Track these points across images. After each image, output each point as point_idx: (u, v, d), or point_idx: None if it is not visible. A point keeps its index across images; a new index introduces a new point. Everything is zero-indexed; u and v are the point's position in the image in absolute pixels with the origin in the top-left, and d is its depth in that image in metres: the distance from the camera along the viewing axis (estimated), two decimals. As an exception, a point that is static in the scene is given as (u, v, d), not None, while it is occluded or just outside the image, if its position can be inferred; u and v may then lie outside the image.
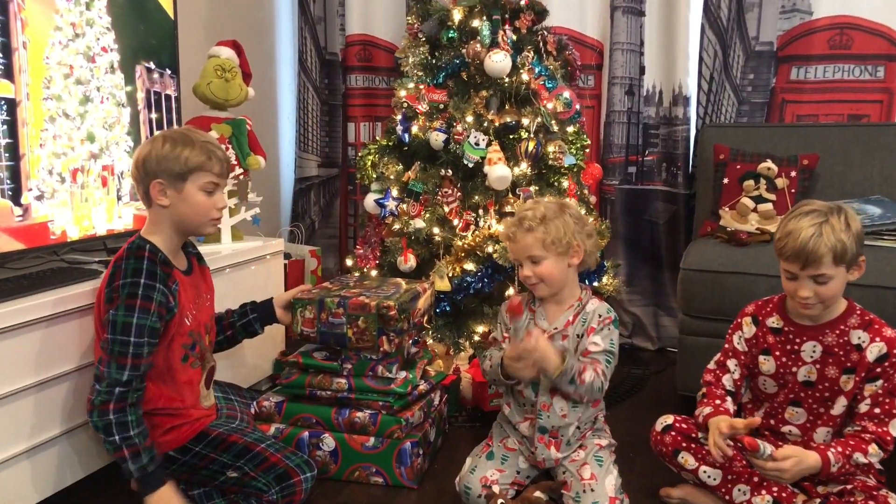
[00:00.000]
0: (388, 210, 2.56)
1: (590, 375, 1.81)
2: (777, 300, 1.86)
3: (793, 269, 1.68)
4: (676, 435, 1.88)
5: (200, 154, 1.73)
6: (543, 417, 1.90)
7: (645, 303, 3.28)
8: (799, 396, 1.80)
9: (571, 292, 1.93)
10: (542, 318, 1.93)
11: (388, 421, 2.00)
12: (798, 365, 1.78)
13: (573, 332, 1.90)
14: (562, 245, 1.84)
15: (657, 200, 3.25)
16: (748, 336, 1.86)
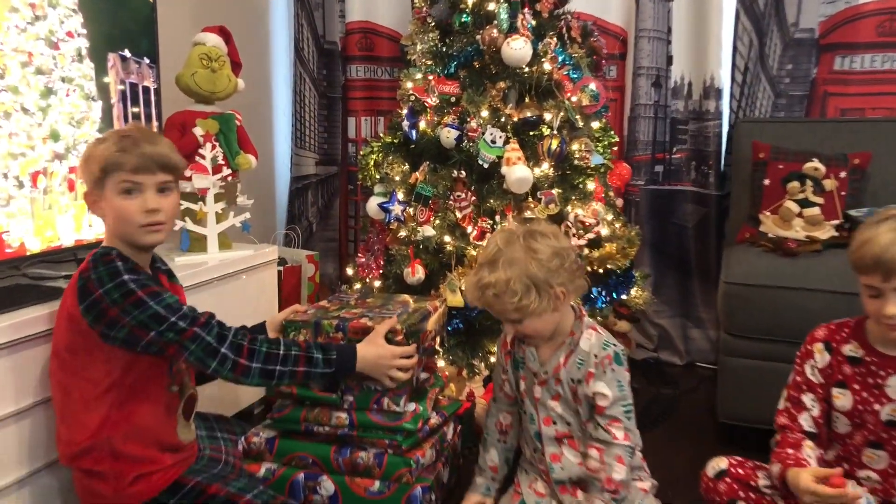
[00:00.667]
0: (394, 215, 2.29)
1: (619, 474, 1.56)
2: (854, 324, 1.60)
3: (874, 283, 1.44)
4: (732, 482, 1.62)
5: (111, 147, 1.47)
6: (556, 470, 1.65)
7: (672, 314, 3.02)
8: (881, 438, 1.55)
9: (562, 325, 1.65)
10: (532, 359, 1.68)
11: (395, 462, 1.74)
12: (882, 402, 1.53)
13: (566, 376, 1.64)
14: (539, 304, 1.55)
15: (686, 202, 2.99)
16: (821, 366, 1.60)
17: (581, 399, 1.63)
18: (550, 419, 1.66)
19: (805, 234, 2.35)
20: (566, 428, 1.66)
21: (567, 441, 1.67)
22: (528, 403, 1.69)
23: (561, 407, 1.65)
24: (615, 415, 1.59)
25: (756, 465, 1.66)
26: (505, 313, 1.58)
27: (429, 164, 2.27)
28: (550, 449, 1.66)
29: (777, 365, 2.11)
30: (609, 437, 1.58)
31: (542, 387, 1.66)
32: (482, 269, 1.57)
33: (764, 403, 2.13)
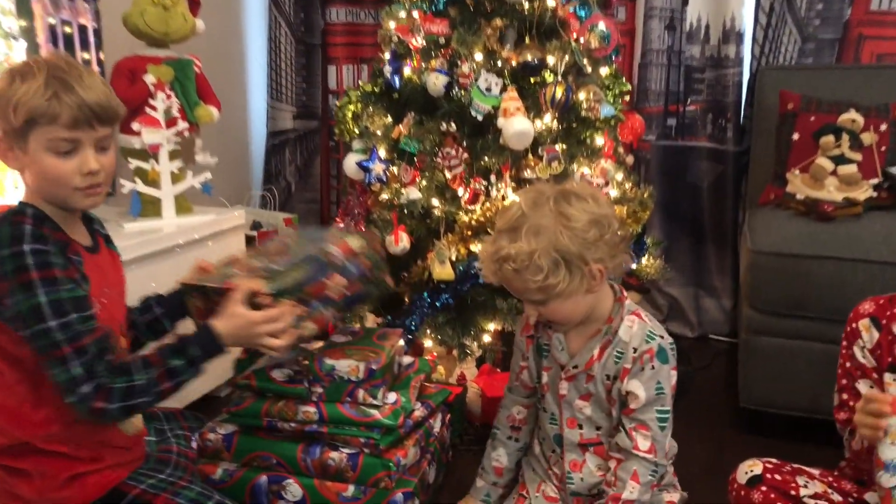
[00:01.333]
0: (374, 175, 2.01)
1: (631, 494, 1.31)
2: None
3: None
4: (769, 491, 1.37)
5: (39, 91, 1.16)
6: (575, 481, 1.40)
7: (684, 282, 2.76)
8: None
9: (599, 309, 1.36)
10: (560, 348, 1.40)
11: (371, 464, 1.49)
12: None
13: (600, 372, 1.36)
14: (569, 284, 1.26)
15: (700, 159, 2.72)
16: (871, 346, 1.34)
17: (615, 399, 1.36)
18: (576, 421, 1.40)
19: (842, 195, 2.07)
20: (594, 433, 1.39)
21: (593, 448, 1.41)
22: (550, 401, 1.42)
23: (591, 408, 1.38)
24: (644, 420, 1.32)
25: (795, 469, 1.42)
26: (526, 292, 1.28)
27: (414, 116, 1.98)
28: (571, 456, 1.40)
29: (810, 345, 1.86)
30: (629, 443, 1.32)
31: (570, 383, 1.38)
32: (501, 238, 1.27)
33: (794, 387, 1.91)
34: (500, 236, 1.28)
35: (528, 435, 1.51)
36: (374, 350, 1.56)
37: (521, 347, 1.47)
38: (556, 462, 1.43)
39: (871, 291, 1.41)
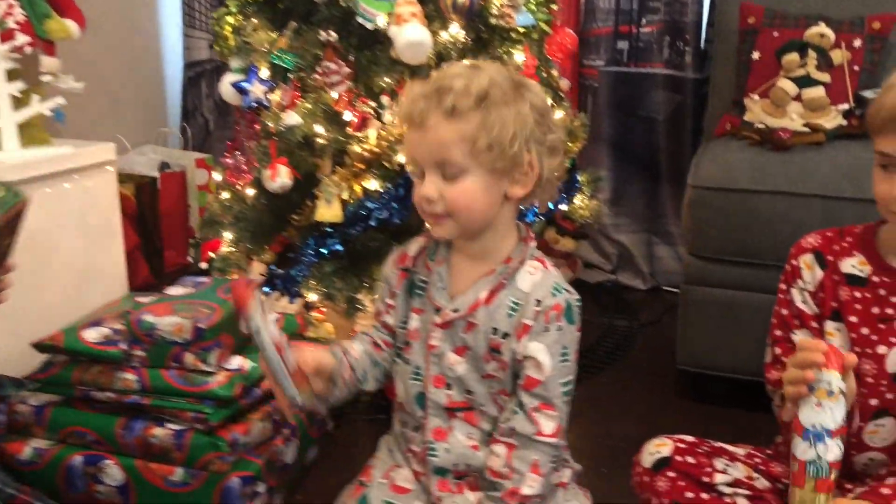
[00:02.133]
0: (252, 98, 1.70)
1: (531, 489, 1.02)
2: (862, 232, 1.07)
3: (888, 147, 0.95)
4: (678, 478, 1.10)
5: None
6: (439, 452, 1.09)
7: (636, 228, 2.47)
8: (886, 400, 1.03)
9: (500, 241, 1.06)
10: (440, 286, 1.09)
11: (200, 443, 1.22)
12: (889, 343, 1.02)
13: (486, 321, 1.04)
14: (503, 156, 0.98)
15: (656, 88, 2.40)
16: (813, 287, 1.07)
17: (507, 361, 1.06)
18: (444, 380, 1.08)
19: (805, 122, 1.77)
20: (464, 397, 1.08)
21: (462, 415, 1.10)
22: (417, 351, 1.10)
23: (464, 367, 1.07)
24: (550, 398, 1.03)
25: (715, 450, 1.15)
26: (442, 148, 0.98)
27: (294, 25, 1.66)
28: (435, 422, 1.09)
29: (758, 297, 1.58)
30: (532, 428, 1.02)
31: (444, 331, 1.06)
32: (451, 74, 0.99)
33: (739, 346, 1.63)
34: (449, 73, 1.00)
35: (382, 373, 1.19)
36: (210, 305, 1.27)
37: (390, 282, 1.14)
38: (412, 438, 1.14)
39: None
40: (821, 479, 0.87)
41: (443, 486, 1.09)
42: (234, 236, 1.81)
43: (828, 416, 0.87)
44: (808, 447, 0.88)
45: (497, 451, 1.05)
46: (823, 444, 0.87)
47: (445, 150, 0.98)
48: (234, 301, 0.96)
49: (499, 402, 1.07)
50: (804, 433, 0.88)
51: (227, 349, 1.27)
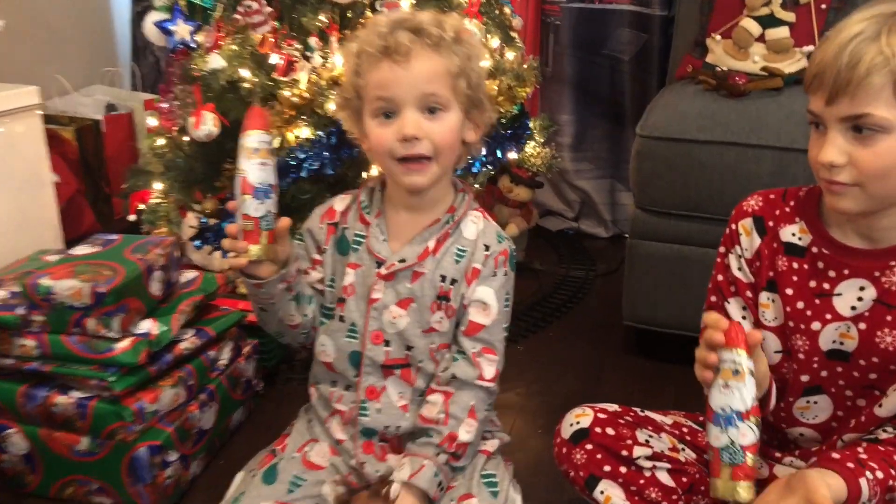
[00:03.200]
0: (177, 39, 1.59)
1: (468, 433, 1.01)
2: (805, 196, 1.00)
3: (816, 107, 0.88)
4: (595, 450, 1.05)
5: None
6: (371, 412, 1.05)
7: (598, 174, 2.39)
8: (819, 377, 0.98)
9: (441, 192, 1.04)
10: (380, 237, 1.03)
11: (104, 412, 1.17)
12: (824, 319, 0.95)
13: (433, 270, 1.01)
14: (475, 95, 0.99)
15: (622, 26, 2.27)
16: (750, 255, 1.00)
17: (455, 307, 1.02)
18: (382, 336, 1.04)
19: (764, 65, 1.67)
20: (403, 353, 1.04)
21: (399, 372, 1.05)
22: (353, 308, 1.05)
23: (407, 319, 1.02)
24: (493, 341, 1.03)
25: (639, 419, 1.10)
26: (431, 80, 0.96)
27: (216, -40, 1.54)
28: (370, 380, 1.05)
29: (706, 252, 1.51)
30: (474, 372, 1.02)
31: (388, 282, 1.02)
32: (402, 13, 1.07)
33: (685, 301, 1.57)
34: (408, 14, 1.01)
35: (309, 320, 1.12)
36: (114, 267, 1.20)
37: (317, 237, 1.09)
38: (341, 397, 1.08)
39: (780, 185, 1.06)
40: (737, 466, 0.82)
41: (368, 449, 1.06)
42: (164, 186, 1.72)
43: (736, 397, 0.82)
44: (720, 432, 0.82)
45: (433, 400, 1.03)
46: (735, 428, 0.82)
47: (434, 82, 0.95)
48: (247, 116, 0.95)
49: (437, 357, 1.04)
50: (715, 418, 0.83)
51: (133, 313, 1.20)
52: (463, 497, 1.00)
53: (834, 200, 0.88)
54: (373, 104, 0.97)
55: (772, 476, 1.04)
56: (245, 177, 0.91)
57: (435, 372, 1.04)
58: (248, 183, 0.91)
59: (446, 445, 0.99)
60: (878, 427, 0.96)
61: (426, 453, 0.99)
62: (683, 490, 1.04)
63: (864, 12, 0.85)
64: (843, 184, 0.85)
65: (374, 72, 0.95)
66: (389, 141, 0.96)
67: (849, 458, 0.88)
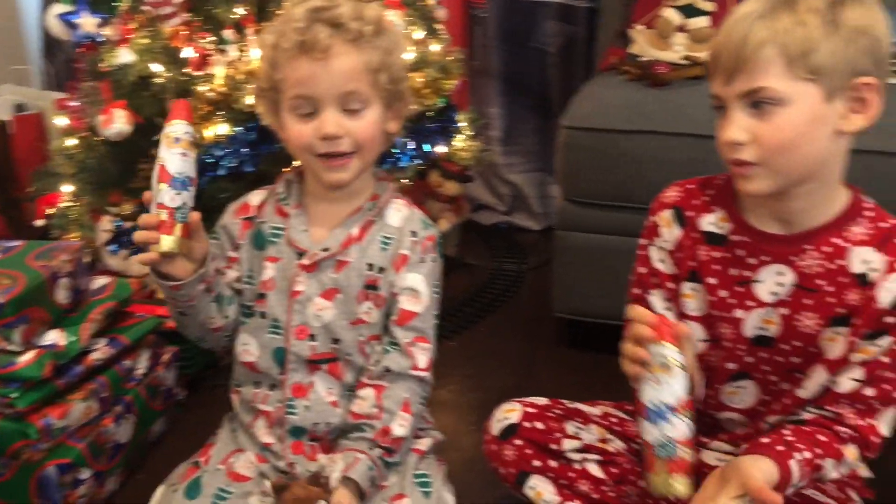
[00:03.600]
0: (82, 33, 1.51)
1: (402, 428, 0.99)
2: (723, 184, 1.00)
3: (716, 88, 0.89)
4: (525, 445, 1.04)
5: None
6: (299, 410, 1.02)
7: (529, 167, 2.38)
8: (745, 364, 0.99)
9: (364, 182, 1.03)
10: (300, 228, 1.01)
11: (7, 431, 1.10)
12: (747, 306, 0.96)
13: (359, 258, 0.99)
14: (396, 88, 0.98)
15: (548, 18, 2.27)
16: (671, 246, 1.00)
17: (384, 296, 1.00)
18: (307, 330, 1.00)
19: (686, 54, 1.69)
20: (330, 347, 1.01)
21: (327, 367, 1.02)
22: (275, 303, 1.01)
23: (333, 311, 1.00)
24: (424, 329, 1.02)
25: (568, 412, 1.09)
26: (349, 78, 0.93)
27: (122, -50, 1.47)
28: (296, 377, 1.01)
29: (632, 242, 1.49)
30: (408, 363, 1.00)
31: (311, 273, 0.99)
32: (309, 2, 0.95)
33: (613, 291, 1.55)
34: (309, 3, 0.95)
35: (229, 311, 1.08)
36: (13, 275, 1.13)
37: (232, 233, 1.05)
38: (271, 398, 1.04)
39: (702, 172, 1.06)
40: (672, 461, 0.81)
41: (297, 449, 1.03)
42: (75, 189, 1.64)
43: (666, 391, 0.81)
44: (653, 427, 0.82)
45: (364, 395, 1.00)
46: (667, 422, 0.81)
47: (353, 81, 0.92)
48: (170, 108, 0.93)
49: (366, 350, 1.01)
50: (647, 413, 0.82)
51: (36, 324, 1.13)
52: (395, 497, 0.98)
53: (743, 183, 0.89)
54: (291, 101, 0.94)
55: (700, 462, 1.04)
56: (164, 165, 0.88)
57: (364, 365, 1.02)
58: (167, 172, 0.88)
59: (380, 440, 0.97)
60: (801, 408, 0.98)
61: (360, 448, 0.96)
62: (614, 481, 1.03)
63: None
64: (749, 163, 0.86)
65: (291, 68, 0.92)
66: (309, 137, 0.94)
67: (777, 441, 0.89)
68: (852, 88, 0.84)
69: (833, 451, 0.90)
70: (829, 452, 0.89)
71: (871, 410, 0.91)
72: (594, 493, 1.02)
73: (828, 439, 0.90)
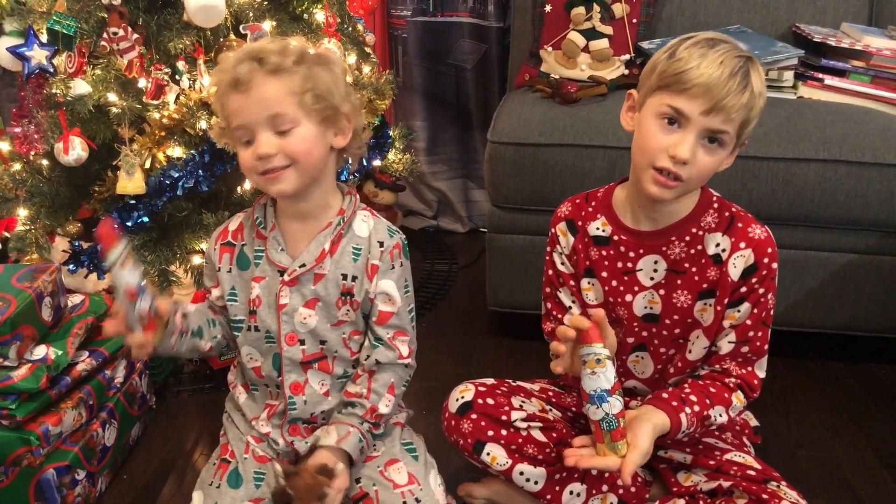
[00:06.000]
0: (34, 65, 1.58)
1: (387, 407, 1.17)
2: (603, 195, 1.21)
3: (687, 109, 1.02)
4: (479, 419, 1.22)
5: None
6: (298, 405, 1.17)
7: (452, 174, 2.57)
8: (641, 337, 1.21)
9: (327, 198, 1.15)
10: (278, 248, 1.14)
11: (8, 440, 1.19)
12: (633, 291, 1.18)
13: (333, 270, 1.13)
14: (328, 106, 1.07)
15: (463, 37, 2.46)
16: (568, 251, 1.22)
17: (359, 301, 1.15)
18: (297, 337, 1.15)
19: (590, 74, 1.91)
20: (318, 347, 1.16)
21: (317, 365, 1.17)
22: (265, 316, 1.14)
23: (317, 317, 1.14)
24: (402, 325, 1.17)
25: (512, 389, 1.28)
26: (273, 103, 1.03)
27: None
28: (291, 377, 1.16)
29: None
30: (393, 354, 1.17)
31: (293, 287, 1.13)
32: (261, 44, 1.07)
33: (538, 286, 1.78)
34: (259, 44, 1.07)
35: (221, 326, 1.22)
36: (4, 297, 1.22)
37: (213, 259, 1.18)
38: (269, 394, 1.20)
39: (610, 179, 1.25)
40: (614, 430, 1.02)
41: (294, 432, 1.18)
42: (29, 212, 1.70)
43: (602, 379, 1.01)
44: (596, 409, 1.02)
45: (357, 381, 1.17)
46: (607, 403, 1.01)
47: (277, 105, 1.04)
48: (98, 238, 0.98)
49: (349, 344, 1.17)
50: (590, 398, 1.02)
51: (28, 340, 1.23)
52: (389, 462, 1.16)
53: (655, 190, 1.05)
54: (235, 132, 1.06)
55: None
56: (124, 285, 0.97)
57: (348, 357, 1.17)
58: (129, 290, 0.98)
59: (368, 416, 1.13)
60: (696, 368, 1.20)
61: (351, 422, 1.12)
62: (554, 444, 1.22)
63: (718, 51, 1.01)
64: (679, 178, 1.02)
65: (228, 104, 1.05)
66: (251, 161, 1.06)
67: (674, 396, 1.10)
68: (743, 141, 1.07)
69: (722, 399, 1.12)
70: (718, 401, 1.11)
71: (747, 362, 1.15)
72: (539, 454, 1.21)
73: (717, 390, 1.13)
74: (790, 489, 1.11)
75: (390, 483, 1.15)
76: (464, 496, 1.33)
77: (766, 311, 1.14)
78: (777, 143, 1.62)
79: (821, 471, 1.46)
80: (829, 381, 1.75)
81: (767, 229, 1.13)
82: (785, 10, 2.05)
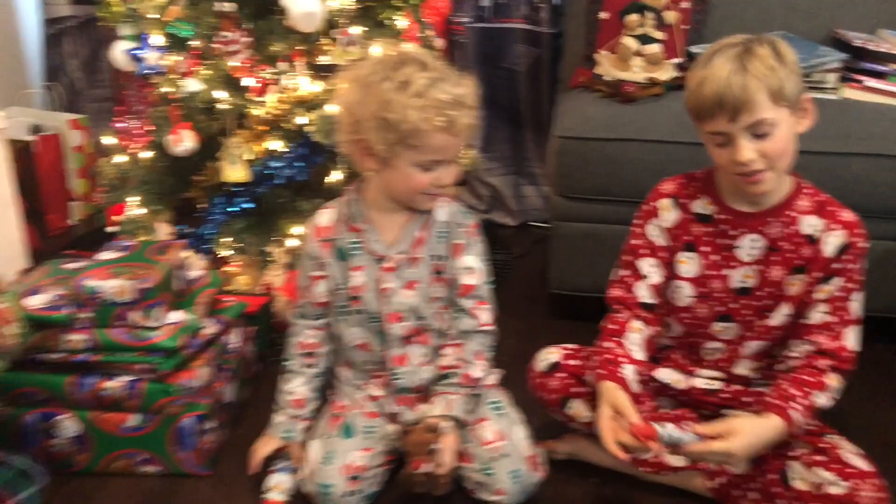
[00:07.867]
0: (146, 65, 1.77)
1: (479, 371, 1.34)
2: (702, 176, 1.35)
3: (721, 127, 1.17)
4: (565, 377, 1.38)
5: None
6: (401, 375, 1.34)
7: (504, 171, 2.72)
8: (730, 309, 1.34)
9: None
10: (373, 238, 1.31)
11: (154, 391, 1.36)
12: (732, 266, 1.32)
13: (427, 252, 1.31)
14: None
15: (517, 42, 2.62)
16: (669, 225, 1.35)
17: (449, 278, 1.33)
18: (399, 315, 1.33)
19: (646, 75, 2.07)
20: (418, 322, 1.34)
21: (417, 338, 1.35)
22: (370, 300, 1.33)
23: (417, 296, 1.32)
24: (483, 294, 1.35)
25: (587, 352, 1.43)
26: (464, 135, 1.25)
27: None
28: (395, 351, 1.34)
29: (615, 228, 1.85)
30: (475, 322, 1.34)
31: (393, 273, 1.31)
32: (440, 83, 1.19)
33: (601, 269, 1.92)
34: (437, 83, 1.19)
35: (325, 359, 1.42)
36: (146, 267, 1.39)
37: (314, 256, 1.36)
38: (373, 371, 1.37)
39: (669, 172, 1.41)
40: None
41: (401, 402, 1.34)
42: (140, 199, 1.88)
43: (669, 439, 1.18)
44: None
45: (446, 353, 1.33)
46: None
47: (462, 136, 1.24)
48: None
49: (441, 317, 1.33)
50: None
51: (166, 306, 1.39)
52: (478, 421, 1.31)
53: (755, 188, 1.21)
54: (423, 160, 1.22)
55: (690, 387, 1.39)
56: None
57: (441, 328, 1.33)
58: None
59: (465, 382, 1.29)
60: (779, 346, 1.32)
61: (452, 391, 1.28)
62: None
63: (722, 56, 1.17)
64: (761, 171, 1.18)
65: (432, 140, 1.20)
66: (425, 184, 1.24)
67: (777, 395, 1.22)
68: (801, 103, 1.20)
69: (818, 385, 1.23)
70: (815, 387, 1.23)
71: (837, 334, 1.26)
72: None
73: (812, 377, 1.24)
74: (848, 442, 1.25)
75: (478, 439, 1.30)
76: (548, 451, 1.49)
77: (856, 285, 1.27)
78: (823, 139, 1.76)
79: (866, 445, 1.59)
80: (869, 361, 1.88)
81: (855, 214, 1.27)
82: (826, 16, 2.20)
